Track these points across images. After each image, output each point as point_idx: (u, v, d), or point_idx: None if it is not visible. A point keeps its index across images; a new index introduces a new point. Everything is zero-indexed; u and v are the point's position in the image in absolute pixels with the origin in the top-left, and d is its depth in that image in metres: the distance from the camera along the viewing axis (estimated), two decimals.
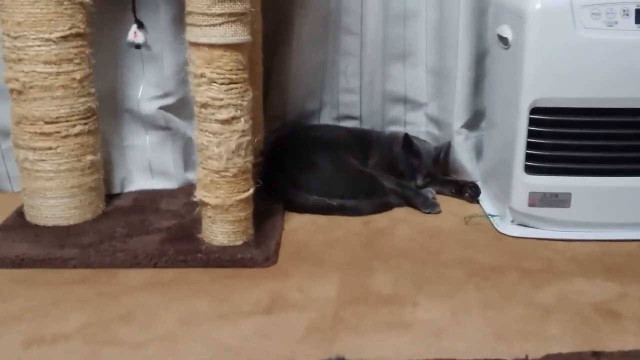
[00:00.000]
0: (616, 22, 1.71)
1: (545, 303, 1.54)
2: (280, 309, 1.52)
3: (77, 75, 1.78)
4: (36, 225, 1.85)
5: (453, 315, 1.50)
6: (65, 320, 1.46)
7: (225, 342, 1.39)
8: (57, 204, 1.84)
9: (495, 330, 1.43)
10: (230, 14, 1.57)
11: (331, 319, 1.48)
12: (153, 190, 2.12)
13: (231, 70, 1.61)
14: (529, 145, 1.80)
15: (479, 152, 2.26)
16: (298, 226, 1.94)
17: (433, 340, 1.40)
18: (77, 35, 1.76)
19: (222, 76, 1.61)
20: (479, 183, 2.17)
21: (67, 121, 1.79)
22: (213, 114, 1.64)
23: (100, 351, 1.36)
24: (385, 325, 1.46)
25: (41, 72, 1.73)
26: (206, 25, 1.57)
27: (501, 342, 1.39)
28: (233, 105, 1.64)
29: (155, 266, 1.69)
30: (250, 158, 1.72)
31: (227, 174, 1.68)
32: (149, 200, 2.05)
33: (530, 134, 1.79)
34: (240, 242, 1.75)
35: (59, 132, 1.79)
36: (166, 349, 1.37)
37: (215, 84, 1.61)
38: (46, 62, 1.73)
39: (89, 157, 1.86)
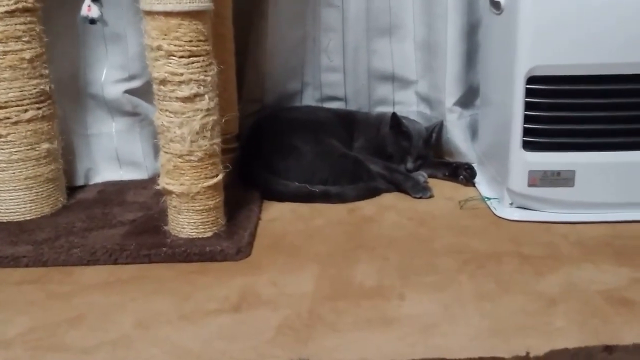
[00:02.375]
0: None
1: (548, 292, 1.38)
2: (250, 307, 1.36)
3: (27, 55, 1.63)
4: None
5: (444, 308, 1.33)
6: (9, 324, 1.31)
7: (185, 345, 1.23)
8: (10, 197, 1.69)
9: (492, 325, 1.27)
10: None
11: (307, 317, 1.31)
12: (121, 181, 1.97)
13: (191, 41, 1.45)
14: (527, 119, 1.65)
15: (474, 132, 2.11)
16: (276, 215, 1.79)
17: (421, 338, 1.24)
18: (25, 10, 1.62)
19: (180, 48, 1.45)
20: (474, 165, 2.01)
21: (17, 106, 1.65)
22: (173, 91, 1.47)
23: (43, 358, 1.20)
24: (367, 321, 1.30)
25: None
26: None
27: (499, 338, 1.23)
28: (195, 81, 1.48)
29: (115, 262, 1.53)
30: (217, 140, 1.56)
31: (192, 158, 1.52)
32: (115, 192, 1.90)
33: (528, 106, 1.64)
34: (209, 234, 1.59)
35: (8, 118, 1.65)
36: (117, 355, 1.21)
37: (173, 58, 1.45)
38: None
39: (45, 145, 1.71)
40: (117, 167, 1.98)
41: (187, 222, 1.58)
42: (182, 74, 1.46)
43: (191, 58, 1.46)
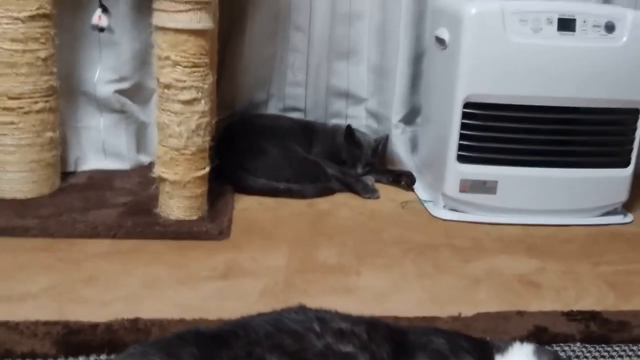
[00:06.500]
0: (541, 29, 1.90)
1: (474, 274, 1.71)
2: (235, 276, 1.64)
3: (42, 54, 1.85)
4: None
5: (393, 283, 1.65)
6: (31, 282, 1.54)
7: (186, 303, 1.50)
8: (16, 177, 1.90)
9: (431, 296, 1.60)
10: (197, 2, 1.68)
11: (283, 284, 1.60)
12: (106, 170, 2.18)
13: (194, 54, 1.73)
14: (462, 137, 1.97)
15: (414, 145, 2.43)
16: (247, 206, 2.06)
17: (376, 303, 1.55)
18: (44, 16, 1.83)
19: (186, 59, 1.72)
20: (414, 173, 2.32)
21: (29, 98, 1.85)
22: (176, 94, 1.74)
23: (68, 308, 1.44)
24: (333, 290, 1.60)
25: (7, 49, 1.80)
26: (174, 11, 1.68)
27: (436, 305, 1.55)
28: (195, 87, 1.75)
29: (114, 237, 1.78)
30: (208, 138, 1.83)
31: (187, 152, 1.79)
32: (103, 178, 2.11)
33: (463, 126, 1.96)
34: (195, 217, 1.85)
35: (21, 108, 1.85)
36: (131, 308, 1.45)
37: (179, 67, 1.72)
38: (13, 40, 1.80)
39: (49, 134, 1.92)
40: (103, 157, 2.19)
41: (177, 206, 1.84)
42: (185, 81, 1.73)
43: (193, 68, 1.74)
